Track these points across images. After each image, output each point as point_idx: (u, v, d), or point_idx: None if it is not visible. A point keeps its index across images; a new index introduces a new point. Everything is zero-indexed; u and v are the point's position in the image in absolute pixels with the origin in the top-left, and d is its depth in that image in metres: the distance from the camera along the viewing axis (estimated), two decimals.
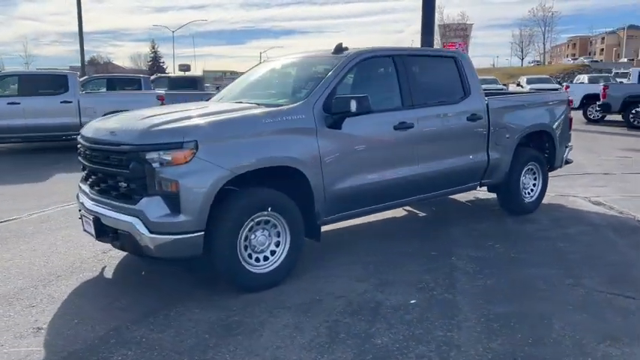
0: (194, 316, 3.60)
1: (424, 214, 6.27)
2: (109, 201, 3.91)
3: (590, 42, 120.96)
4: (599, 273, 4.29)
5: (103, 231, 3.95)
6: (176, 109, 4.42)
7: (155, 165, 3.61)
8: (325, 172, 4.19)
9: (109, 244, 4.10)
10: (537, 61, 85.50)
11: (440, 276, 4.26)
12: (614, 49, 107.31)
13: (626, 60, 66.24)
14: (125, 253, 4.82)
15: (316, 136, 4.17)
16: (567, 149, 6.64)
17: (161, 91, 13.73)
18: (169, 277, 4.30)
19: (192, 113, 4.13)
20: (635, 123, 16.85)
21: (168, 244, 3.64)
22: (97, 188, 4.08)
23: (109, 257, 4.84)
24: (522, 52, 77.34)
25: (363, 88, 4.67)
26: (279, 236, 4.10)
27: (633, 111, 16.87)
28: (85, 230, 4.22)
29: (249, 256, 3.95)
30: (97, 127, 4.15)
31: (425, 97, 5.01)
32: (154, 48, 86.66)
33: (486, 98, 5.57)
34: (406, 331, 3.34)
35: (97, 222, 3.94)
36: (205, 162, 3.64)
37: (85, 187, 4.31)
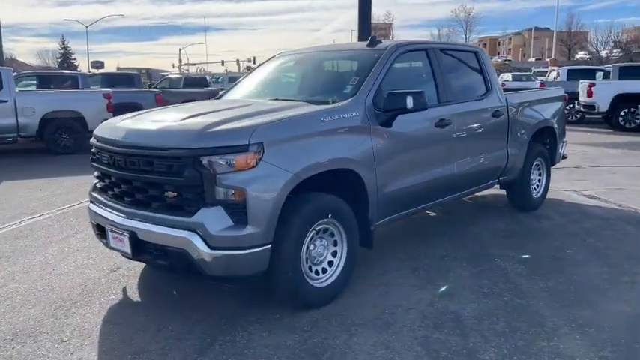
0: (266, 341, 3.18)
1: (434, 214, 6.10)
2: (150, 214, 3.38)
3: (499, 42, 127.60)
4: None
5: (142, 249, 3.43)
6: (214, 108, 3.92)
7: (216, 171, 3.14)
8: (378, 173, 3.89)
9: (114, 262, 3.57)
10: None
11: (497, 280, 4.08)
12: (521, 49, 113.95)
13: (534, 59, 70.27)
14: (139, 271, 4.31)
15: (370, 135, 3.86)
16: (564, 144, 6.73)
17: (108, 90, 12.73)
18: (206, 297, 3.82)
19: (242, 112, 3.67)
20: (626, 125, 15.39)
21: (232, 260, 3.20)
22: (129, 199, 3.53)
23: (122, 276, 4.28)
24: None
25: (403, 83, 4.40)
26: (336, 245, 3.75)
27: (622, 112, 15.42)
28: (112, 248, 3.65)
29: (309, 268, 3.58)
30: (128, 129, 3.58)
31: (456, 93, 4.83)
32: (63, 44, 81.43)
33: (505, 94, 5.48)
34: (507, 344, 3.11)
35: (134, 238, 3.41)
36: (272, 166, 3.23)
37: (108, 199, 3.74)
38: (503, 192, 6.23)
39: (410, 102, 3.84)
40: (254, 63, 59.14)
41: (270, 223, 3.22)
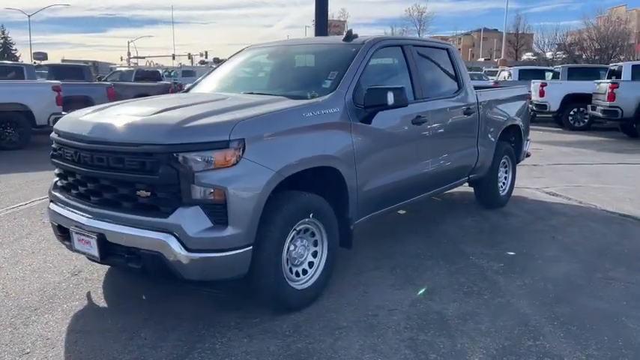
0: (247, 347, 3.02)
1: (404, 212, 6.05)
2: (120, 214, 3.15)
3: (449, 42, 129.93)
4: (616, 264, 4.36)
5: (111, 251, 3.20)
6: (187, 102, 3.71)
7: (194, 169, 2.95)
8: (358, 171, 3.79)
9: (75, 265, 3.32)
10: None
11: (475, 278, 4.06)
12: (470, 49, 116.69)
13: (483, 60, 71.96)
14: (103, 274, 4.07)
15: (350, 132, 3.75)
16: (528, 142, 6.82)
17: (57, 82, 12.12)
18: (179, 301, 3.62)
19: (219, 106, 3.48)
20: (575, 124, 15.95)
21: (211, 263, 3.02)
22: (96, 199, 3.29)
23: (85, 280, 4.01)
24: None
25: (379, 78, 4.31)
26: (316, 246, 3.63)
27: (572, 112, 15.92)
28: (76, 250, 3.39)
29: (290, 270, 3.44)
30: (94, 123, 3.33)
31: (430, 89, 4.78)
32: (3, 34, 77.57)
33: (475, 92, 5.48)
34: (495, 345, 3.07)
35: (102, 241, 3.17)
36: (253, 164, 3.06)
37: (71, 198, 3.48)
38: (470, 189, 6.26)
39: (391, 98, 3.75)
40: (207, 57, 58.17)
41: (252, 223, 3.06)
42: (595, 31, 44.88)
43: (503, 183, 6.29)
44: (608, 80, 13.61)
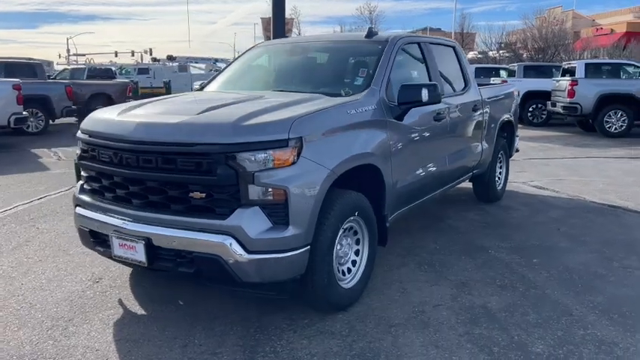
0: (310, 349, 2.97)
1: None
2: (170, 217, 3.03)
3: None
4: (627, 253, 4.55)
5: (160, 256, 3.07)
6: (230, 100, 3.58)
7: (253, 168, 2.87)
8: (393, 168, 3.79)
9: (91, 272, 3.19)
10: None
11: (503, 271, 4.14)
12: None
13: None
14: (125, 280, 3.94)
15: (386, 129, 3.74)
16: (517, 138, 7.02)
17: (16, 80, 11.54)
18: (217, 304, 3.52)
19: (264, 104, 3.39)
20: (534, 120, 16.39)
21: (271, 265, 2.95)
22: (141, 202, 3.14)
23: (110, 287, 3.85)
24: None
25: (402, 75, 4.32)
26: (358, 244, 3.61)
27: (530, 108, 16.30)
28: (116, 257, 3.22)
29: (337, 269, 3.41)
30: (139, 122, 3.17)
31: (444, 87, 4.84)
32: None
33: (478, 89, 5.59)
34: (550, 335, 3.14)
35: (150, 246, 3.04)
36: (311, 162, 3.01)
37: (108, 202, 3.31)
38: (462, 185, 6.37)
39: (425, 95, 3.77)
40: (151, 54, 56.47)
41: (310, 223, 3.01)
42: (537, 31, 46.65)
43: (499, 177, 6.45)
44: (568, 78, 14.18)
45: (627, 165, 9.22)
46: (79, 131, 3.54)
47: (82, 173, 3.51)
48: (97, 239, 3.39)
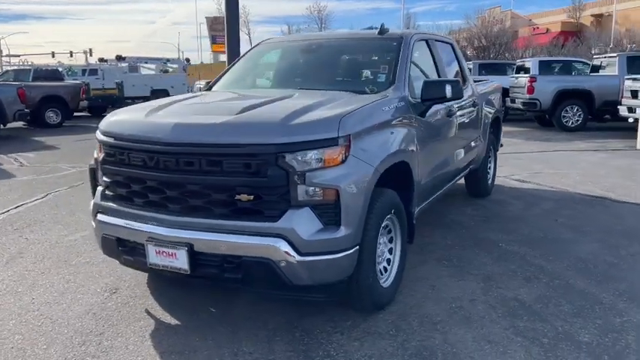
0: (365, 351, 2.92)
1: None
2: (214, 221, 2.90)
3: None
4: (630, 241, 4.73)
5: (202, 263, 2.94)
6: (262, 98, 3.46)
7: (304, 168, 2.79)
8: (419, 165, 3.79)
9: (104, 282, 3.05)
10: None
11: (521, 264, 4.22)
12: None
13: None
14: (144, 289, 3.79)
15: (413, 126, 3.74)
16: (501, 133, 7.19)
17: None
18: (248, 310, 3.41)
19: (301, 102, 3.29)
20: None
21: (323, 267, 2.88)
22: (180, 207, 2.99)
23: (130, 297, 3.67)
24: None
25: (416, 72, 4.32)
26: (391, 242, 3.58)
27: None
28: (152, 265, 3.06)
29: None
30: (174, 123, 3.00)
31: None
32: None
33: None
34: (591, 324, 3.21)
35: (192, 252, 2.91)
36: (358, 160, 2.96)
37: (140, 207, 3.14)
38: None
39: (449, 91, 3.79)
40: (91, 55, 54.37)
41: (360, 223, 2.96)
42: (482, 30, 48.11)
43: (489, 172, 6.58)
44: (527, 75, 14.66)
45: (593, 157, 9.61)
46: (100, 134, 3.35)
47: (104, 178, 3.31)
48: (125, 248, 3.21)
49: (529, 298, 3.58)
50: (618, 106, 12.68)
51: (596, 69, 15.19)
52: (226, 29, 25.09)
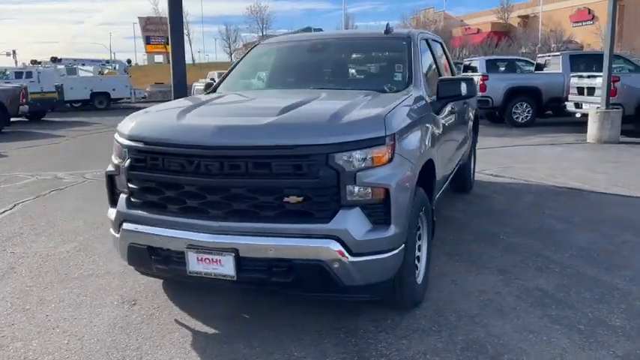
0: (417, 348, 2.93)
1: None
2: (261, 225, 2.82)
3: None
4: (621, 230, 5.00)
5: (249, 268, 2.86)
6: (297, 97, 3.39)
7: (355, 168, 2.77)
8: (438, 162, 3.85)
9: (117, 294, 2.97)
10: None
11: (528, 255, 4.36)
12: None
13: None
14: (164, 299, 3.67)
15: (433, 123, 3.79)
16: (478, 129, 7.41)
17: None
18: (285, 313, 3.36)
19: (338, 100, 3.26)
20: None
21: (374, 266, 2.87)
22: (222, 212, 2.89)
23: (154, 308, 3.53)
24: (230, 48, 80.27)
25: (424, 70, 4.38)
26: (420, 239, 3.61)
27: None
28: (193, 274, 2.93)
29: None
30: (215, 126, 2.89)
31: None
32: None
33: None
34: (617, 309, 3.37)
35: (238, 257, 2.83)
36: (402, 159, 2.97)
37: (175, 214, 3.01)
38: None
39: (464, 89, 3.87)
40: (14, 56, 51.61)
41: (406, 221, 2.97)
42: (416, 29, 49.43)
43: (472, 167, 6.77)
44: (479, 73, 15.16)
45: (552, 151, 10.09)
46: (124, 139, 3.18)
47: (131, 185, 3.15)
48: (158, 256, 3.07)
49: (550, 288, 3.71)
50: (565, 102, 13.37)
51: (540, 67, 15.93)
52: (170, 29, 24.28)
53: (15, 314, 3.47)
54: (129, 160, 3.11)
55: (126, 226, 3.16)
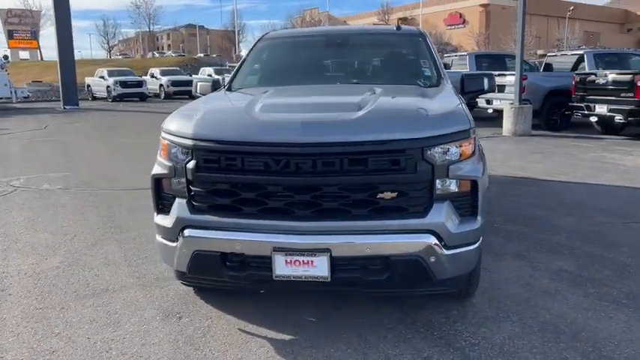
0: (498, 335, 3.02)
1: None
2: (357, 223, 2.75)
3: (157, 37, 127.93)
4: (595, 214, 5.48)
5: (343, 268, 2.78)
6: (352, 94, 3.31)
7: (446, 162, 2.79)
8: None
9: (153, 310, 2.87)
10: (126, 54, 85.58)
11: (533, 240, 4.64)
12: (180, 44, 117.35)
13: (202, 55, 73.21)
14: (208, 310, 3.45)
15: None
16: None
17: None
18: (343, 312, 3.31)
19: (409, 95, 3.25)
20: None
21: (464, 258, 2.91)
22: (311, 211, 2.77)
23: (205, 318, 3.29)
24: (109, 44, 75.80)
25: None
26: None
27: None
28: (280, 277, 2.77)
29: None
30: (303, 122, 2.75)
31: None
32: None
33: None
34: (636, 283, 3.71)
35: (332, 257, 2.74)
36: (479, 152, 3.05)
37: (255, 216, 2.83)
38: None
39: (486, 84, 4.03)
40: None
41: (486, 212, 3.04)
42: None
43: None
44: None
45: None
46: (187, 139, 2.90)
47: (196, 188, 2.90)
48: (233, 263, 2.87)
49: (572, 268, 3.99)
50: (476, 99, 14.30)
51: (446, 66, 16.90)
52: (56, 23, 23.17)
53: (48, 340, 3.05)
54: (194, 162, 2.86)
55: (190, 232, 2.90)
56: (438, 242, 2.76)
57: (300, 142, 2.69)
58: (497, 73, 13.44)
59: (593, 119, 11.36)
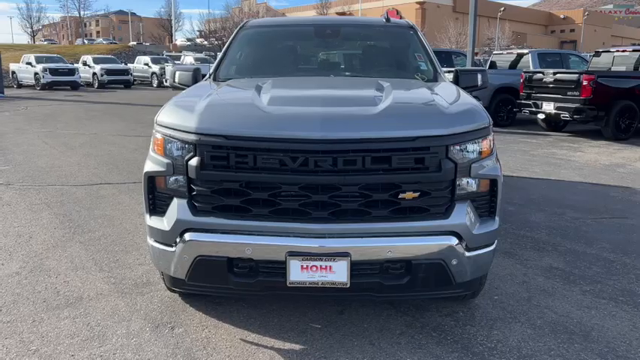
0: (512, 336, 2.95)
1: None
2: (379, 225, 2.58)
3: (85, 23, 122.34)
4: (565, 210, 5.59)
5: (361, 273, 2.61)
6: (373, 88, 3.11)
7: (468, 160, 2.68)
8: None
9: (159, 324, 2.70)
10: (51, 40, 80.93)
11: (515, 238, 4.66)
12: (111, 32, 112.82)
13: (135, 43, 70.50)
14: (203, 317, 3.19)
15: None
16: None
17: None
18: (350, 319, 3.15)
19: (420, 90, 3.09)
20: None
21: (482, 260, 2.82)
22: (328, 212, 2.57)
23: (202, 328, 3.04)
24: (32, 28, 71.29)
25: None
26: None
27: None
28: (294, 284, 2.56)
29: None
30: (323, 116, 2.54)
31: None
32: None
33: None
34: (625, 279, 3.77)
35: (351, 262, 2.56)
36: (495, 150, 2.95)
37: (267, 219, 2.60)
38: None
39: (480, 79, 3.96)
40: None
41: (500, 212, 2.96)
42: (241, 20, 49.42)
43: None
44: None
45: None
46: (189, 133, 2.62)
47: (200, 188, 2.63)
48: (242, 269, 2.63)
49: (562, 265, 4.01)
50: None
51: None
52: None
53: (25, 359, 2.69)
54: (198, 158, 2.59)
55: (191, 236, 2.64)
56: (460, 244, 2.64)
57: (320, 139, 2.49)
58: (446, 69, 13.66)
59: (541, 116, 11.73)
